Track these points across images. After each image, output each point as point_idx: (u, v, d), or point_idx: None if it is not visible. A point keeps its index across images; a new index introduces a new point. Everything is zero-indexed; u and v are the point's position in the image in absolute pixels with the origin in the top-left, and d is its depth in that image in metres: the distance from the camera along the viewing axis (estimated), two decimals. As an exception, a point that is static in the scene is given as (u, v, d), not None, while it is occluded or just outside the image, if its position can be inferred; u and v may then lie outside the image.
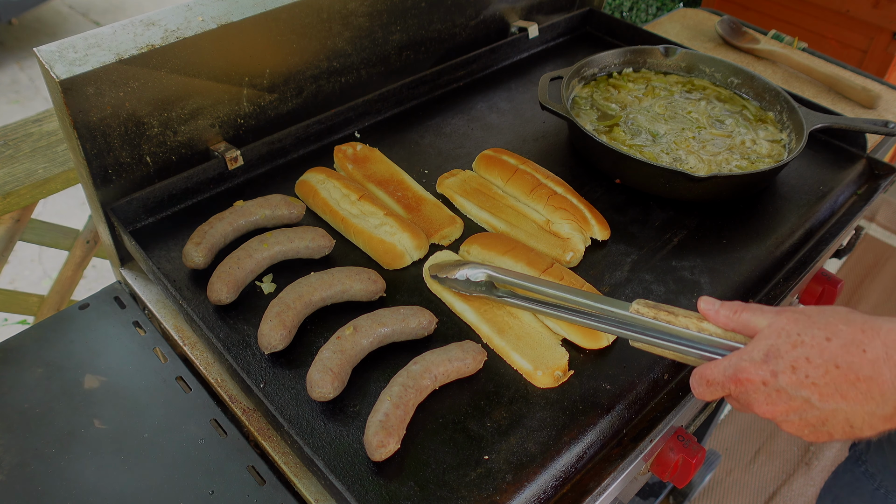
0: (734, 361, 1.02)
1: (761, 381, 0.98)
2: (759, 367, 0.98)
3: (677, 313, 1.12)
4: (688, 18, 2.80)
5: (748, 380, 0.99)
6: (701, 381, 1.07)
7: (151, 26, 1.43)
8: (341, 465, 1.16)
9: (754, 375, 0.99)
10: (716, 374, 1.04)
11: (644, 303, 1.15)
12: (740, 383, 1.00)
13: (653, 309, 1.14)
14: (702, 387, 1.07)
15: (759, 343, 1.00)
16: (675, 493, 2.89)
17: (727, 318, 1.07)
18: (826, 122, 1.78)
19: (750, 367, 0.99)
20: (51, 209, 4.32)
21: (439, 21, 2.01)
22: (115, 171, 1.51)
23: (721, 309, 1.07)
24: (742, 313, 1.05)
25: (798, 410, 0.97)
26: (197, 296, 1.43)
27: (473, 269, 1.36)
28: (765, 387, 0.98)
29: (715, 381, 1.04)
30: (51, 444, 1.28)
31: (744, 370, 1.00)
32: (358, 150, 1.75)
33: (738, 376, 1.00)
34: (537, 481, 1.16)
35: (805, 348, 0.95)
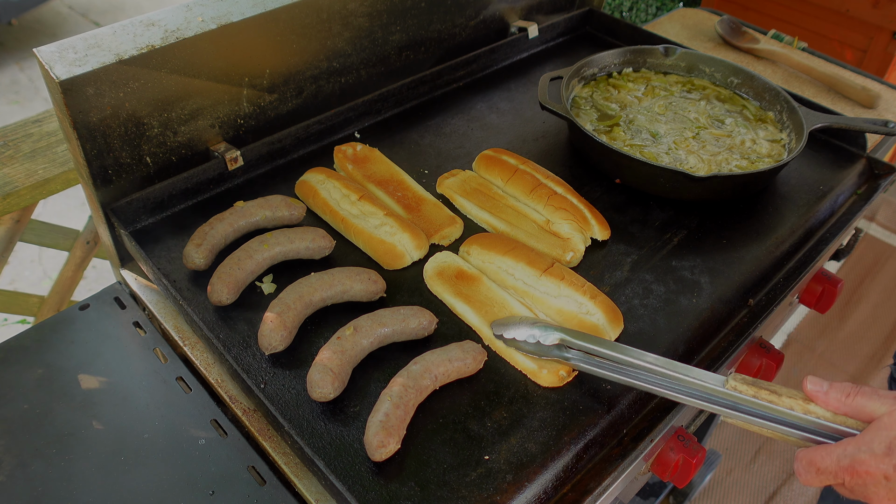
0: (850, 451, 0.95)
1: (883, 475, 0.92)
2: (881, 460, 0.92)
3: (781, 393, 1.05)
4: (687, 18, 2.80)
5: (867, 472, 0.93)
6: (810, 467, 1.00)
7: (151, 27, 1.43)
8: (342, 466, 1.16)
9: (875, 469, 0.92)
10: (829, 464, 0.97)
11: (742, 378, 1.08)
12: (858, 475, 0.94)
13: (752, 387, 1.07)
14: (810, 474, 1.00)
15: (881, 433, 0.93)
16: (676, 493, 2.89)
17: (838, 402, 1.01)
18: (826, 121, 1.78)
19: (870, 459, 0.93)
20: (51, 210, 4.32)
21: (439, 21, 2.01)
22: (115, 171, 1.51)
23: (831, 391, 1.01)
24: (856, 398, 0.99)
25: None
26: (197, 296, 1.43)
27: (545, 332, 1.26)
28: (887, 482, 0.92)
29: (827, 471, 0.98)
30: (51, 445, 1.28)
31: (863, 462, 0.94)
32: (358, 150, 1.75)
33: (856, 468, 0.94)
34: (538, 481, 1.16)
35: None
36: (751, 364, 1.52)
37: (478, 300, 1.42)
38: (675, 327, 1.42)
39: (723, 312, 1.48)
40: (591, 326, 1.35)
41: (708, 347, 1.44)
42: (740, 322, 1.49)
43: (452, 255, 1.52)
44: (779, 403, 1.05)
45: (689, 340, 1.41)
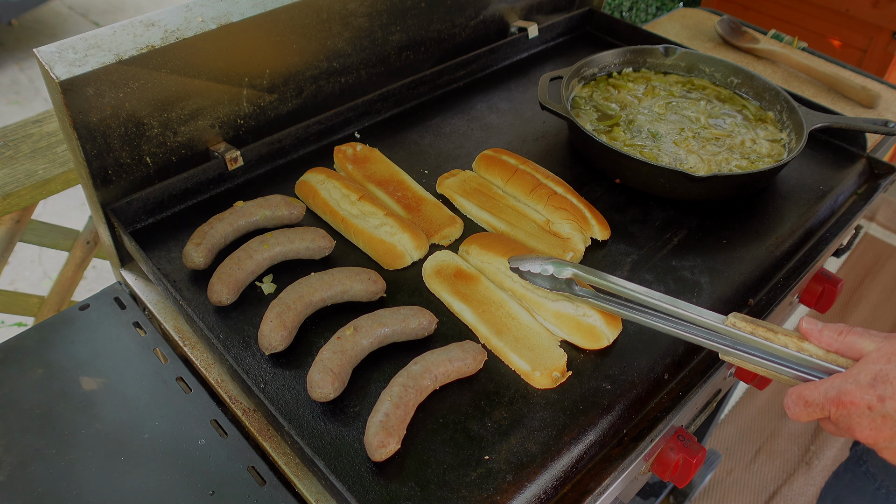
0: (837, 384, 0.99)
1: (867, 405, 0.96)
2: (866, 390, 0.96)
3: (776, 331, 1.09)
4: (687, 18, 2.80)
5: (852, 403, 0.97)
6: (798, 401, 1.04)
7: (151, 27, 1.43)
8: (342, 466, 1.16)
9: (859, 399, 0.96)
10: (816, 396, 1.02)
11: (741, 317, 1.13)
12: (843, 406, 0.98)
13: (750, 324, 1.11)
14: (798, 407, 1.04)
15: (867, 366, 0.97)
16: (676, 493, 2.89)
17: (831, 339, 1.05)
18: (826, 121, 1.78)
19: (855, 390, 0.97)
20: (51, 210, 4.32)
21: (439, 21, 2.01)
22: (115, 171, 1.51)
23: (825, 330, 1.05)
24: (847, 335, 1.03)
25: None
26: (197, 296, 1.43)
27: (559, 266, 1.32)
28: (870, 411, 0.96)
29: (814, 403, 1.02)
30: (51, 445, 1.28)
31: (848, 393, 0.97)
32: (358, 150, 1.75)
33: (842, 399, 0.98)
34: (538, 481, 1.16)
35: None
36: (751, 364, 1.52)
37: (476, 300, 1.42)
38: (675, 327, 1.42)
39: (723, 312, 1.48)
40: (588, 328, 1.35)
41: (708, 347, 1.44)
42: (740, 322, 1.49)
43: (451, 255, 1.52)
44: (774, 341, 1.09)
45: (689, 340, 1.41)
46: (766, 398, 3.37)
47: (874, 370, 0.96)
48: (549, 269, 1.33)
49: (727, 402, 2.76)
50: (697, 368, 1.40)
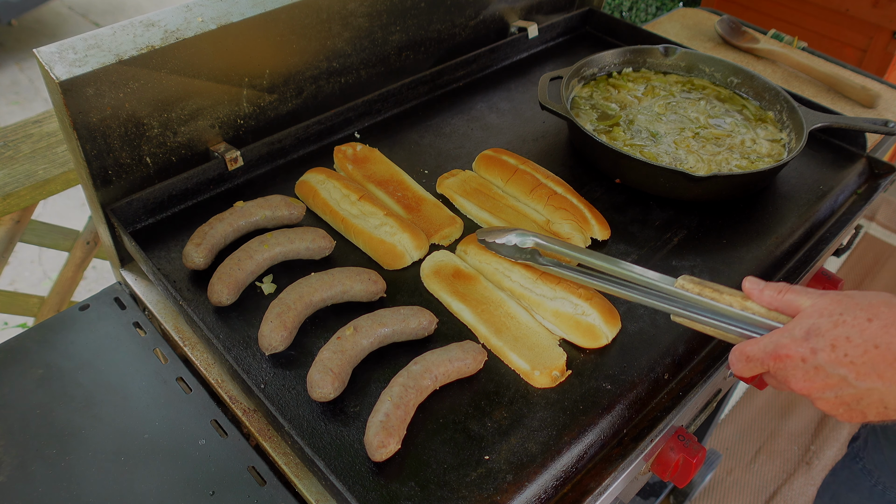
0: (775, 338, 1.04)
1: (800, 357, 1.00)
2: (800, 343, 1.00)
3: (722, 291, 1.14)
4: (687, 18, 2.80)
5: (787, 356, 1.01)
6: (741, 357, 1.09)
7: (151, 27, 1.43)
8: (342, 466, 1.16)
9: (794, 352, 1.00)
10: (756, 351, 1.06)
11: (689, 279, 1.18)
12: (780, 359, 1.02)
13: (698, 286, 1.16)
14: (741, 363, 1.09)
15: (802, 321, 1.02)
16: (676, 493, 2.89)
17: (771, 298, 1.09)
18: (826, 121, 1.78)
19: (790, 343, 1.01)
20: (51, 210, 4.32)
21: (439, 21, 2.01)
22: (115, 171, 1.51)
23: (766, 289, 1.10)
24: (786, 294, 1.07)
25: (834, 387, 0.99)
26: (197, 296, 1.43)
27: (522, 237, 1.38)
28: (803, 363, 1.00)
29: (755, 357, 1.06)
30: (51, 445, 1.28)
31: (784, 346, 1.02)
32: (358, 150, 1.75)
33: (779, 352, 1.02)
34: (538, 481, 1.16)
35: (846, 328, 0.97)
36: (751, 364, 1.52)
37: (474, 299, 1.42)
38: (675, 327, 1.42)
39: (723, 312, 1.48)
40: (587, 327, 1.35)
41: (708, 347, 1.44)
42: (740, 322, 1.49)
43: (450, 255, 1.52)
44: (720, 300, 1.14)
45: (690, 340, 1.41)
46: (766, 398, 3.37)
47: (808, 324, 1.01)
48: (513, 239, 1.39)
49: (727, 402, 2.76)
50: (697, 368, 1.40)
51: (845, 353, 0.96)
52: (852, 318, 0.98)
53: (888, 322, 0.95)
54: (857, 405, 0.99)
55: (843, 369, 0.97)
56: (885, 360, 0.94)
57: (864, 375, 0.96)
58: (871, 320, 0.96)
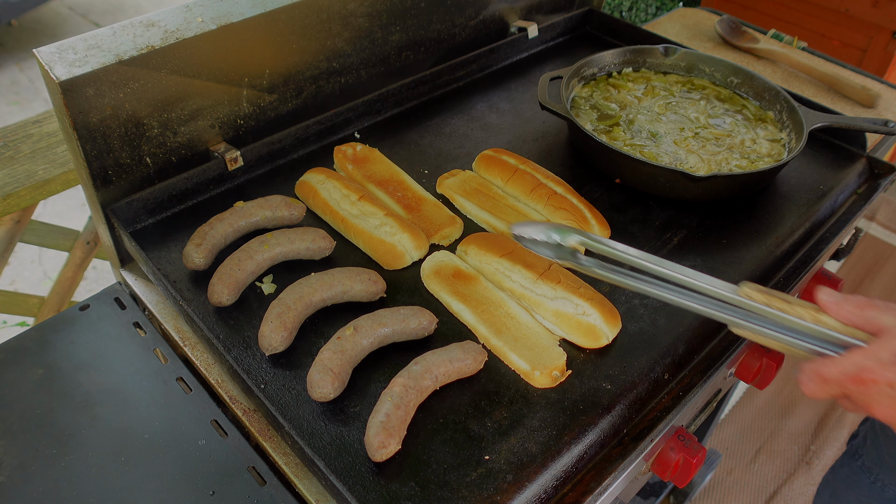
0: (857, 360, 0.97)
1: (887, 383, 0.94)
2: (888, 368, 0.94)
3: (792, 302, 1.04)
4: (687, 18, 2.80)
5: (872, 380, 0.95)
6: (815, 377, 1.01)
7: (151, 27, 1.43)
8: (342, 466, 1.16)
9: (880, 377, 0.94)
10: (834, 373, 0.99)
11: (755, 287, 1.07)
12: (863, 383, 0.96)
13: (765, 295, 1.06)
14: (815, 384, 1.02)
15: (889, 343, 0.95)
16: (676, 493, 2.89)
17: (850, 313, 1.01)
18: (826, 121, 1.78)
19: (876, 367, 0.95)
20: (51, 210, 4.32)
21: (439, 21, 2.01)
22: (115, 172, 1.51)
23: (844, 303, 1.02)
24: (867, 310, 1.00)
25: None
26: (197, 297, 1.43)
27: (564, 233, 1.22)
28: (891, 389, 0.94)
29: (833, 380, 0.99)
30: (51, 446, 1.28)
31: (869, 370, 0.95)
32: (358, 150, 1.75)
33: (862, 376, 0.96)
34: (538, 481, 1.16)
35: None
36: (751, 364, 1.52)
37: (474, 299, 1.42)
38: (675, 327, 1.42)
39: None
40: (587, 327, 1.35)
41: (708, 347, 1.44)
42: (740, 322, 1.49)
43: (450, 255, 1.52)
44: (790, 312, 1.03)
45: (690, 340, 1.41)
46: (767, 398, 3.37)
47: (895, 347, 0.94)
48: (555, 236, 1.22)
49: (727, 402, 2.76)
50: (697, 368, 1.40)
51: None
52: None
53: None
54: None
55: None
56: None
57: None
58: None
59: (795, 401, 3.38)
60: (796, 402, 3.37)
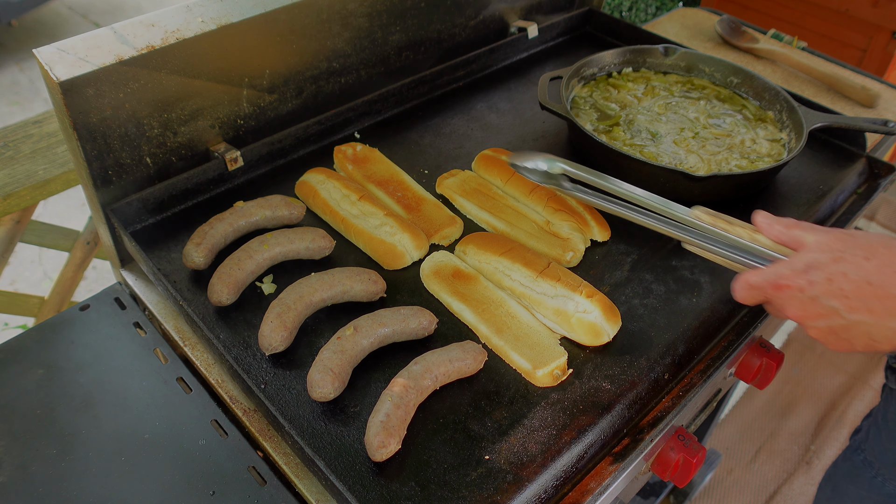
0: (777, 269, 1.11)
1: (798, 287, 1.08)
2: (800, 275, 1.08)
3: (733, 223, 1.21)
4: (687, 18, 2.80)
5: (787, 286, 1.09)
6: (744, 285, 1.16)
7: (151, 27, 1.43)
8: (342, 466, 1.16)
9: (793, 282, 1.08)
10: (758, 280, 1.13)
11: (704, 209, 1.24)
12: (779, 288, 1.10)
13: (712, 217, 1.23)
14: (744, 290, 1.16)
15: (804, 255, 1.09)
16: (676, 493, 2.89)
17: (779, 233, 1.16)
18: (826, 121, 1.78)
19: (791, 274, 1.09)
20: (51, 210, 4.32)
21: (439, 21, 2.01)
22: (115, 172, 1.51)
23: (775, 224, 1.17)
24: (793, 230, 1.14)
25: (826, 317, 1.07)
26: (197, 297, 1.43)
27: (550, 162, 1.44)
28: (801, 293, 1.08)
29: (757, 286, 1.14)
30: (51, 446, 1.28)
31: (785, 277, 1.09)
32: (358, 150, 1.75)
33: (779, 282, 1.10)
34: (538, 481, 1.17)
35: (844, 264, 1.04)
36: (751, 363, 1.52)
37: (475, 299, 1.42)
38: (675, 327, 1.42)
39: (723, 312, 1.48)
40: (588, 325, 1.35)
41: (708, 347, 1.44)
42: (740, 321, 1.49)
43: (449, 255, 1.53)
44: (731, 231, 1.21)
45: (690, 340, 1.42)
46: (767, 398, 3.38)
47: (809, 258, 1.09)
48: (542, 165, 1.45)
49: (727, 402, 2.76)
50: (697, 368, 1.40)
51: (840, 288, 1.04)
52: (851, 255, 1.05)
53: (884, 262, 1.02)
54: (846, 335, 1.07)
55: (836, 302, 1.04)
56: (877, 296, 1.02)
57: (855, 309, 1.03)
58: (869, 259, 1.03)
59: (795, 401, 3.38)
60: (796, 402, 3.37)
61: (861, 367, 3.56)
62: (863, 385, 3.47)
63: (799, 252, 1.12)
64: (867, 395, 3.43)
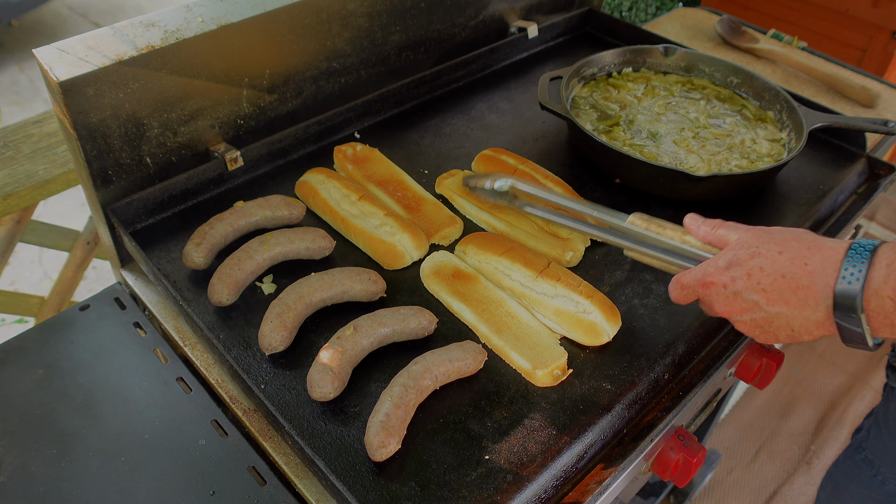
0: (703, 268, 1.17)
1: (722, 284, 1.12)
2: (722, 272, 1.13)
3: (665, 227, 1.26)
4: (687, 18, 2.80)
5: (712, 283, 1.14)
6: (676, 285, 1.22)
7: (151, 27, 1.43)
8: (342, 466, 1.16)
9: (717, 279, 1.13)
10: (688, 279, 1.19)
11: (640, 216, 1.29)
12: (706, 286, 1.15)
13: (646, 221, 1.28)
14: (677, 290, 1.22)
15: (726, 253, 1.15)
16: (676, 493, 2.89)
17: (706, 233, 1.21)
18: (826, 121, 1.78)
19: (715, 272, 1.14)
20: (51, 210, 4.32)
21: (439, 21, 2.01)
22: (115, 172, 1.51)
23: (702, 225, 1.22)
24: (719, 229, 1.20)
25: (749, 311, 1.11)
26: (197, 297, 1.43)
27: (501, 181, 1.45)
28: (724, 289, 1.12)
29: (688, 285, 1.19)
30: (51, 446, 1.28)
31: (710, 275, 1.15)
32: (358, 150, 1.75)
33: (705, 280, 1.15)
34: (538, 481, 1.17)
35: (760, 259, 1.09)
36: (751, 364, 1.52)
37: (475, 299, 1.42)
38: (675, 327, 1.42)
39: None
40: (589, 325, 1.35)
41: (708, 347, 1.44)
42: (740, 321, 1.49)
43: (449, 255, 1.52)
44: (663, 234, 1.26)
45: (690, 340, 1.42)
46: (767, 398, 3.38)
47: (730, 255, 1.13)
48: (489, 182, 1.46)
49: (727, 402, 2.76)
50: (697, 368, 1.41)
51: (758, 282, 1.08)
52: (766, 250, 1.09)
53: (795, 255, 1.07)
54: (769, 327, 1.11)
55: (756, 295, 1.09)
56: (790, 287, 1.05)
57: (773, 301, 1.07)
58: (782, 253, 1.08)
59: (795, 401, 3.38)
60: (796, 402, 3.37)
61: (861, 367, 3.56)
62: (863, 385, 3.47)
63: (722, 250, 1.16)
64: (867, 394, 3.43)
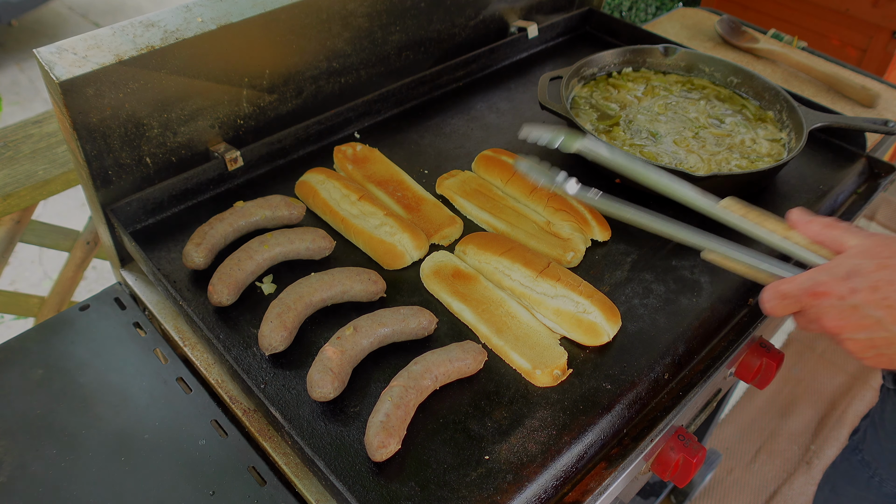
0: (814, 275, 1.03)
1: (839, 295, 0.99)
2: (840, 282, 0.99)
3: (767, 216, 1.12)
4: (687, 18, 2.80)
5: (825, 293, 1.00)
6: (776, 294, 1.07)
7: (151, 27, 1.43)
8: (342, 466, 1.16)
9: (833, 289, 0.99)
10: (792, 288, 1.05)
11: (735, 199, 1.15)
12: (817, 296, 1.01)
13: (743, 208, 1.13)
14: (776, 300, 1.08)
15: (845, 261, 1.01)
16: (676, 493, 2.89)
17: (817, 232, 1.07)
18: (826, 121, 1.78)
19: (830, 281, 1.00)
20: (51, 210, 4.32)
21: (439, 21, 2.01)
22: (115, 172, 1.51)
23: (813, 222, 1.09)
24: (834, 230, 1.06)
25: (868, 329, 0.98)
26: (197, 297, 1.43)
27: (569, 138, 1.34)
28: (841, 302, 0.99)
29: (791, 295, 1.05)
30: (51, 446, 1.28)
31: (823, 284, 1.01)
32: (358, 150, 1.75)
33: (817, 289, 1.01)
34: (538, 481, 1.17)
35: (890, 271, 0.96)
36: (751, 363, 1.52)
37: (475, 299, 1.42)
38: (675, 327, 1.42)
39: (723, 312, 1.48)
40: (588, 325, 1.35)
41: (708, 347, 1.44)
42: (740, 321, 1.49)
43: (449, 255, 1.52)
44: (764, 225, 1.11)
45: (690, 340, 1.42)
46: (767, 398, 3.38)
47: (851, 264, 1.00)
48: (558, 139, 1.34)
49: (727, 402, 2.76)
50: (697, 368, 1.40)
51: (885, 297, 0.95)
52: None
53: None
54: (888, 349, 0.98)
55: (880, 311, 0.96)
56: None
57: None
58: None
59: (795, 401, 3.38)
60: (796, 402, 3.37)
61: (861, 367, 3.55)
62: (863, 385, 3.47)
63: (839, 257, 1.03)
64: (867, 395, 3.43)
